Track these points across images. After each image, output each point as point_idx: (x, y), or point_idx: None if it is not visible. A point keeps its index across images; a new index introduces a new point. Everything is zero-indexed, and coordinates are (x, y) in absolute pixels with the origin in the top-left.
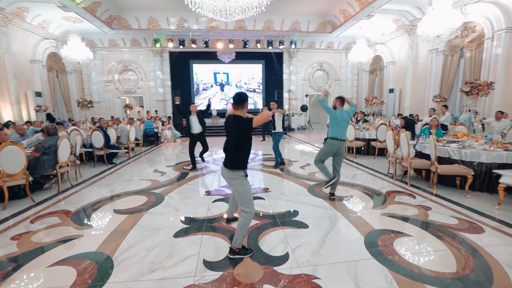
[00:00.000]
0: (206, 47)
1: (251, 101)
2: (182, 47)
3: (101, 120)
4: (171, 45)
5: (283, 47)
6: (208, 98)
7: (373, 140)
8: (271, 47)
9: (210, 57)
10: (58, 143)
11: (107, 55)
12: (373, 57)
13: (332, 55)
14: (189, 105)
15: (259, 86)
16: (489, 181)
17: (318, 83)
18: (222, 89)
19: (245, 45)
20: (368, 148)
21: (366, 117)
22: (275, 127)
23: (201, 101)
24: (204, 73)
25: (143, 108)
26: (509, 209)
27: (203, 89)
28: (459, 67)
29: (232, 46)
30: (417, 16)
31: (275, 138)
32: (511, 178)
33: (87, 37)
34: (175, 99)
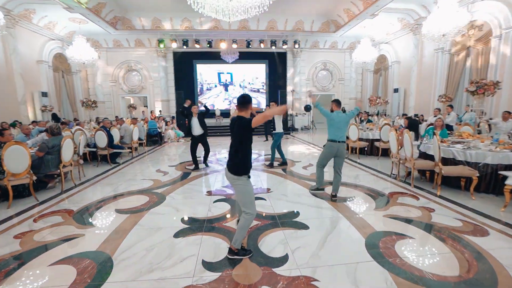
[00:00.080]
0: (209, 47)
1: (255, 101)
2: (186, 47)
3: (104, 120)
4: (174, 45)
5: (286, 47)
6: (204, 103)
7: (376, 140)
8: (274, 47)
9: (213, 57)
10: (62, 143)
11: (112, 55)
12: (377, 57)
13: (336, 54)
14: (192, 107)
15: (263, 86)
16: (495, 182)
17: (322, 83)
18: (226, 89)
19: (249, 45)
20: (371, 149)
21: (370, 117)
22: (275, 127)
23: (205, 101)
24: (208, 73)
25: (147, 108)
26: None
27: (207, 89)
28: (465, 66)
29: (236, 46)
30: (422, 15)
31: (275, 138)
32: None
33: (92, 37)
34: (186, 101)
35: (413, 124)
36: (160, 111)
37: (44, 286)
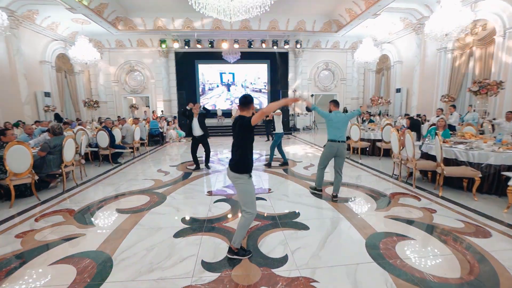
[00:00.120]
0: (211, 47)
1: (257, 101)
2: (187, 47)
3: (106, 120)
4: (176, 45)
5: (288, 46)
6: (202, 105)
7: (378, 140)
8: (276, 47)
9: (215, 57)
10: (63, 142)
11: (114, 55)
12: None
13: (338, 54)
14: (193, 107)
15: (265, 86)
16: (497, 183)
17: (324, 83)
18: (228, 89)
19: (250, 45)
20: (373, 149)
21: (372, 117)
22: (275, 128)
23: (206, 101)
24: (210, 73)
25: (149, 108)
26: None
27: (209, 89)
28: (468, 66)
29: (237, 46)
30: (425, 14)
31: (274, 139)
32: None
33: (95, 38)
34: (189, 104)
35: (415, 124)
36: (162, 111)
37: (44, 286)
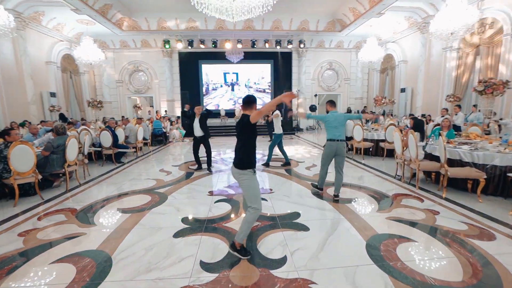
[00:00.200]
0: (214, 47)
1: (260, 101)
2: (191, 47)
3: (110, 120)
4: (180, 45)
5: (291, 46)
6: (205, 108)
7: (381, 141)
8: (279, 47)
9: (218, 57)
10: (67, 142)
11: (118, 56)
12: (384, 56)
13: (342, 54)
14: (195, 108)
15: (269, 86)
16: (503, 185)
17: (328, 83)
18: (233, 89)
19: (254, 45)
20: (376, 149)
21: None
22: (274, 129)
23: (210, 101)
24: (214, 73)
25: (153, 108)
26: None
27: (212, 89)
28: (474, 66)
29: (241, 46)
30: (430, 13)
31: (273, 139)
32: None
33: (99, 38)
34: (185, 106)
35: (418, 124)
36: (165, 111)
37: (44, 284)
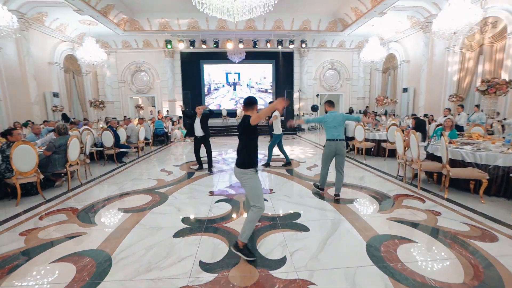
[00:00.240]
0: (216, 47)
1: (262, 102)
2: (192, 47)
3: (111, 120)
4: (182, 45)
5: (293, 46)
6: (208, 108)
7: (383, 141)
8: (281, 47)
9: (220, 57)
10: (68, 142)
11: (121, 56)
12: (386, 56)
13: (344, 54)
14: (196, 107)
15: (271, 86)
16: (506, 185)
17: (330, 83)
18: (235, 88)
19: (255, 45)
20: (378, 149)
21: (378, 117)
22: (273, 129)
23: (212, 101)
24: (216, 73)
25: (155, 108)
26: None
27: (214, 89)
28: (478, 65)
29: (242, 46)
30: (433, 12)
31: (272, 139)
32: None
33: (102, 39)
34: (180, 106)
35: (420, 124)
36: (167, 111)
37: (44, 283)
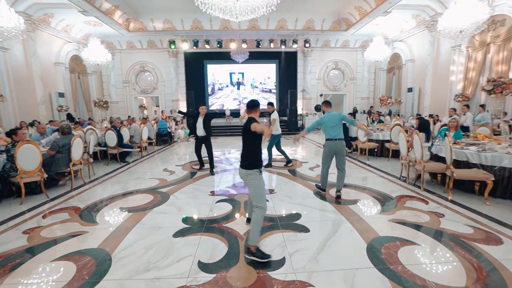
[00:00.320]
0: (219, 47)
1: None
2: (196, 47)
3: (115, 119)
4: (185, 46)
5: (297, 46)
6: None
7: (387, 141)
8: (284, 47)
9: (224, 57)
10: (72, 142)
11: (125, 56)
12: (391, 55)
13: (348, 53)
14: (203, 106)
15: (275, 86)
16: None
17: (333, 83)
18: (239, 88)
19: (259, 45)
20: (382, 150)
21: (382, 117)
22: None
23: (215, 101)
24: (220, 73)
25: (158, 108)
26: None
27: (218, 89)
28: (484, 64)
29: (246, 46)
30: (439, 11)
31: (270, 140)
32: None
33: (106, 39)
34: (171, 111)
35: (424, 124)
36: (171, 111)
37: (44, 282)
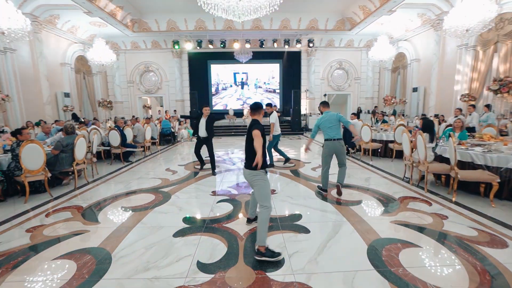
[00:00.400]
0: (223, 47)
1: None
2: (199, 48)
3: (118, 119)
4: (189, 46)
5: (300, 46)
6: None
7: (390, 141)
8: (288, 46)
9: (227, 57)
10: (75, 141)
11: (130, 57)
12: (395, 55)
13: (352, 53)
14: (205, 106)
15: (279, 86)
16: None
17: (337, 82)
18: (242, 87)
19: (262, 45)
20: (385, 150)
21: (386, 118)
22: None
23: (219, 100)
24: (224, 73)
25: (162, 108)
26: None
27: (222, 89)
28: (492, 64)
29: (249, 46)
30: (445, 10)
31: (270, 141)
32: None
33: (111, 40)
34: (175, 111)
35: (428, 125)
36: (175, 110)
37: (45, 280)
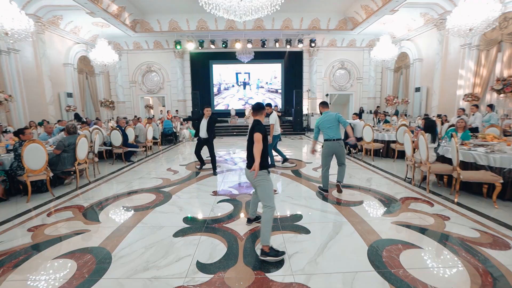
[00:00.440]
0: (225, 47)
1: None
2: (201, 48)
3: (120, 119)
4: (191, 46)
5: (302, 45)
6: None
7: (392, 142)
8: (289, 46)
9: (229, 57)
10: (77, 141)
11: (132, 57)
12: (398, 54)
13: (355, 53)
14: (207, 107)
15: (281, 86)
16: None
17: (339, 82)
18: (245, 87)
19: (264, 45)
20: (387, 150)
21: (388, 118)
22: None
23: (221, 100)
24: (226, 73)
25: (165, 108)
26: None
27: (224, 89)
28: (495, 63)
29: (251, 46)
30: (448, 9)
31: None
32: None
33: (114, 40)
34: (177, 111)
35: (430, 125)
36: (176, 110)
37: (45, 279)
